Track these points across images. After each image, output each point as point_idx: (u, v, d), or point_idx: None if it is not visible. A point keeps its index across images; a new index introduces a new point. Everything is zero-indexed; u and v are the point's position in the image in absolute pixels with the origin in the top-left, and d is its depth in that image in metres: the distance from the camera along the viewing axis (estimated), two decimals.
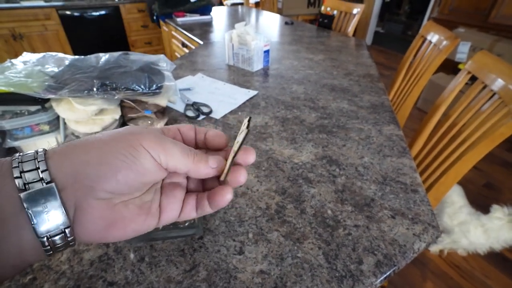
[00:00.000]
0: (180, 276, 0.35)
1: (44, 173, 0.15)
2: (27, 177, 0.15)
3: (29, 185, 0.15)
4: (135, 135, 0.17)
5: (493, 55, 0.73)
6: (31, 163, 0.15)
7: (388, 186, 0.49)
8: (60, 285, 0.34)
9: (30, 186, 0.15)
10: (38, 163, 0.15)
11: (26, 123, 0.53)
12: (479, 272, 1.17)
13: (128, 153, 0.16)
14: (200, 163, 0.19)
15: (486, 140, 0.61)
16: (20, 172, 0.15)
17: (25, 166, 0.15)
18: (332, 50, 1.25)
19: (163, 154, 0.17)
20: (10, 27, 2.33)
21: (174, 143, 0.18)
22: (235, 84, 0.88)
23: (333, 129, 0.66)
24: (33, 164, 0.15)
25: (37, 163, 0.15)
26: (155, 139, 0.17)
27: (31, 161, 0.15)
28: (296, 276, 0.35)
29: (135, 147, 0.16)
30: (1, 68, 0.53)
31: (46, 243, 0.15)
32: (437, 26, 1.08)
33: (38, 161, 0.15)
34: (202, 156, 0.19)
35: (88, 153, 0.16)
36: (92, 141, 0.16)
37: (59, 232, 0.15)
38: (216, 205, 0.20)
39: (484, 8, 2.29)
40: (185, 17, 1.75)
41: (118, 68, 0.58)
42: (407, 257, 0.38)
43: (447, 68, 2.12)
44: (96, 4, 2.61)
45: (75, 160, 0.16)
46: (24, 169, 0.15)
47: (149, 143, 0.17)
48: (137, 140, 0.17)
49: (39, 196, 0.14)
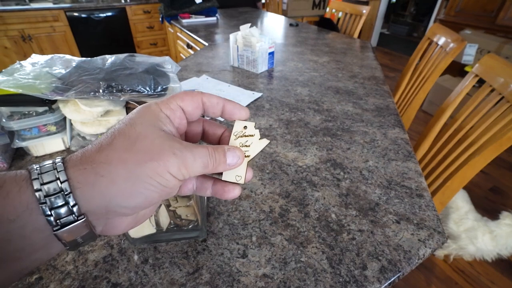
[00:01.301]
0: (183, 278, 0.35)
1: (75, 207, 0.15)
2: (58, 214, 0.15)
3: (61, 221, 0.15)
4: (160, 162, 0.17)
5: (500, 58, 0.72)
6: (59, 198, 0.15)
7: (393, 191, 0.49)
8: (66, 285, 0.34)
9: (61, 222, 0.15)
10: (66, 197, 0.15)
11: (34, 123, 0.53)
12: (484, 277, 1.15)
13: (157, 182, 0.17)
14: (219, 166, 0.20)
15: (493, 145, 0.60)
16: (50, 209, 0.15)
17: (53, 202, 0.15)
18: (337, 52, 1.25)
19: (187, 173, 0.18)
20: (20, 28, 2.38)
21: (195, 159, 0.18)
22: (240, 86, 0.89)
23: (338, 132, 0.65)
24: (62, 199, 0.15)
25: (66, 198, 0.15)
26: (178, 162, 0.17)
27: (59, 194, 0.15)
28: (299, 281, 0.35)
29: (163, 175, 0.17)
30: (11, 69, 0.54)
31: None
32: (443, 28, 1.07)
33: (66, 194, 0.15)
34: (220, 157, 0.20)
35: (115, 184, 0.16)
36: (116, 165, 0.16)
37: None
38: (222, 197, 0.22)
39: (492, 9, 2.26)
40: (190, 19, 1.77)
41: (124, 70, 0.59)
42: (412, 263, 0.37)
43: (453, 70, 2.10)
44: (103, 6, 2.65)
45: (105, 193, 0.16)
46: (53, 205, 0.15)
47: (175, 168, 0.17)
48: (164, 167, 0.17)
49: (73, 228, 0.16)
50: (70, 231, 0.16)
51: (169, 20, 1.85)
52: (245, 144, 0.21)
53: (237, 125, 0.22)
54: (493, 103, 0.68)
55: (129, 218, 0.19)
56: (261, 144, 0.21)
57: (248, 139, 0.21)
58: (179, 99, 0.20)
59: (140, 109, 0.19)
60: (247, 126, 0.22)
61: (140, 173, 0.16)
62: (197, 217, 0.40)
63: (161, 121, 0.18)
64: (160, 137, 0.18)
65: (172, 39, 2.12)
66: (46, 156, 0.57)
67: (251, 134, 0.21)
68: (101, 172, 0.16)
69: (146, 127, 0.18)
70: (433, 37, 1.11)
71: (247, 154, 0.21)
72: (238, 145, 0.21)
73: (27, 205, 0.15)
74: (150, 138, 0.17)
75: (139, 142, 0.17)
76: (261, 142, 0.21)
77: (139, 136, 0.17)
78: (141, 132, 0.17)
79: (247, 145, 0.21)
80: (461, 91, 0.80)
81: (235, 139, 0.22)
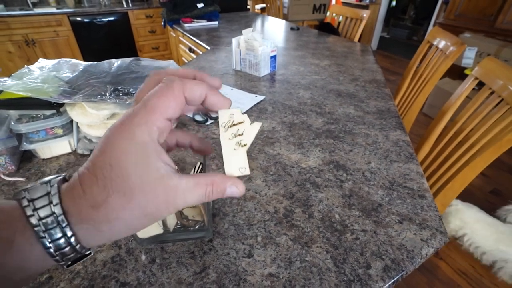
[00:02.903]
0: (190, 277, 0.36)
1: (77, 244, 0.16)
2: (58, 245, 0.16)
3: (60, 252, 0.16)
4: (157, 214, 0.17)
5: (500, 61, 0.73)
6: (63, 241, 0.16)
7: (395, 192, 0.49)
8: (75, 285, 0.35)
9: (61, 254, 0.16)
10: (71, 241, 0.16)
11: (41, 126, 0.54)
12: (487, 280, 1.15)
13: (165, 208, 0.17)
14: (218, 195, 0.19)
15: (493, 146, 0.61)
16: (55, 252, 0.16)
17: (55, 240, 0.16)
18: (338, 56, 1.26)
19: (177, 209, 0.18)
20: (23, 33, 2.40)
21: (192, 193, 0.18)
22: (243, 89, 0.90)
23: (340, 134, 0.66)
24: (66, 242, 0.16)
25: (71, 241, 0.16)
26: (172, 208, 0.18)
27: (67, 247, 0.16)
28: (304, 280, 0.35)
29: (156, 220, 0.18)
30: (19, 74, 0.55)
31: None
32: (443, 32, 1.08)
33: (69, 236, 0.16)
34: (219, 193, 0.19)
35: (116, 234, 0.17)
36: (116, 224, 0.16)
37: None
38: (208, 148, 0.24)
39: (491, 13, 2.28)
40: (192, 23, 1.79)
41: (130, 74, 0.60)
42: (415, 262, 0.38)
43: (453, 74, 2.11)
44: (106, 10, 2.68)
45: (106, 238, 0.17)
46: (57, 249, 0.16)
47: (168, 212, 0.18)
48: (159, 215, 0.17)
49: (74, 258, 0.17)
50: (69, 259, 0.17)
51: (171, 24, 1.87)
52: (238, 134, 0.20)
53: (223, 115, 0.20)
54: (493, 106, 0.69)
55: None
56: (255, 129, 0.20)
57: (239, 127, 0.20)
58: (164, 108, 0.17)
59: (128, 145, 0.16)
60: (234, 114, 0.20)
61: (137, 224, 0.17)
62: (204, 217, 0.40)
63: (155, 157, 0.17)
64: (158, 187, 0.17)
65: (174, 43, 2.14)
66: (53, 158, 0.58)
67: (241, 121, 0.20)
68: (103, 229, 0.16)
69: (141, 176, 0.16)
70: (433, 41, 1.12)
71: (243, 143, 0.20)
72: (231, 136, 0.20)
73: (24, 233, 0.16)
74: (147, 191, 0.16)
75: (136, 197, 0.16)
76: (253, 126, 0.20)
77: (135, 189, 0.16)
78: (137, 184, 0.16)
79: (240, 134, 0.20)
80: (461, 93, 0.81)
81: (225, 131, 0.20)
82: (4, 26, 2.30)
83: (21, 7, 2.57)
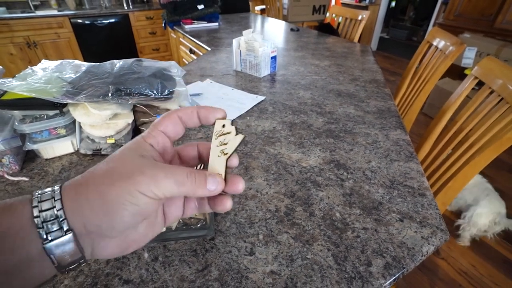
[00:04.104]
0: (193, 275, 0.36)
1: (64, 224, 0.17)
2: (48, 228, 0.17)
3: (50, 235, 0.17)
4: (129, 181, 0.18)
5: (499, 61, 0.74)
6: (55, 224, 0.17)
7: (396, 190, 0.50)
8: (79, 282, 0.35)
9: (52, 236, 0.17)
10: (61, 222, 0.17)
11: (45, 127, 0.55)
12: (488, 279, 1.15)
13: (128, 201, 0.18)
14: (198, 189, 0.20)
15: (493, 145, 0.62)
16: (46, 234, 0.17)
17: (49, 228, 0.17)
18: (338, 56, 1.27)
19: (158, 190, 0.18)
20: (25, 35, 2.41)
21: (167, 176, 0.19)
22: (243, 90, 0.90)
23: (340, 134, 0.67)
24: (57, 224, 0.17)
25: (61, 223, 0.17)
26: (148, 180, 0.18)
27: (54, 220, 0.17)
28: (306, 277, 0.36)
29: (132, 194, 0.18)
30: (23, 74, 0.55)
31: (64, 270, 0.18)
32: (443, 32, 1.09)
33: (61, 220, 0.17)
34: (201, 179, 0.20)
35: (89, 203, 0.18)
36: (92, 188, 0.18)
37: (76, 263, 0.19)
38: (217, 210, 0.23)
39: (490, 13, 2.29)
40: (192, 24, 1.80)
41: (132, 74, 0.61)
42: (416, 259, 0.38)
43: (453, 73, 2.12)
44: (107, 12, 2.69)
45: (82, 213, 0.18)
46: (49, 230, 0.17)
47: (144, 186, 0.18)
48: (133, 186, 0.18)
49: (60, 244, 0.17)
50: (57, 245, 0.17)
51: (172, 25, 1.88)
52: (224, 143, 0.22)
53: (217, 125, 0.22)
54: (493, 105, 0.69)
55: (114, 242, 0.19)
56: (237, 140, 0.21)
57: (226, 137, 0.22)
58: (158, 124, 0.21)
59: (128, 143, 0.21)
60: (225, 124, 0.22)
61: (110, 193, 0.18)
62: (205, 216, 0.41)
63: (143, 148, 0.20)
64: (135, 161, 0.19)
65: (175, 45, 2.15)
66: (56, 158, 0.58)
67: (228, 131, 0.22)
68: (80, 193, 0.18)
69: (126, 156, 0.19)
70: (433, 41, 1.13)
71: (225, 152, 0.21)
72: (218, 144, 0.22)
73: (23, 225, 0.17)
74: (126, 164, 0.19)
75: (116, 168, 0.18)
76: (236, 138, 0.21)
77: (117, 164, 0.19)
78: (120, 160, 0.19)
79: (225, 143, 0.22)
80: (461, 93, 0.81)
81: (215, 138, 0.22)
82: (6, 28, 2.32)
83: (23, 9, 2.59)
